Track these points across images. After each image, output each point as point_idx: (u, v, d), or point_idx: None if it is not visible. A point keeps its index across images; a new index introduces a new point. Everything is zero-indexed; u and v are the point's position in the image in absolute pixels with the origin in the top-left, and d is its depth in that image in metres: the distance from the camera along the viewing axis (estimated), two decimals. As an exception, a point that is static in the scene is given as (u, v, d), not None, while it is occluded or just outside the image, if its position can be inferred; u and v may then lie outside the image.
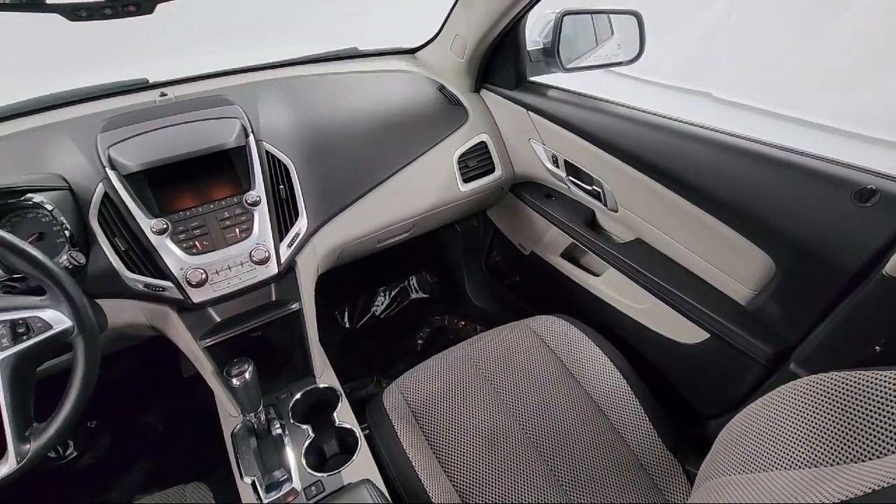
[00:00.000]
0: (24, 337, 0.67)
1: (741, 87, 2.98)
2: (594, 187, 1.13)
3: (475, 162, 1.29)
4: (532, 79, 1.29)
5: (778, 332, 0.83)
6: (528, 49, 1.26)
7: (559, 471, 0.90)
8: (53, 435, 0.69)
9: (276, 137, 1.04)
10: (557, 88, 1.23)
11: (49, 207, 0.83)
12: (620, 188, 1.06)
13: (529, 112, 1.21)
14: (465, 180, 1.27)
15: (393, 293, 1.86)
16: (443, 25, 1.34)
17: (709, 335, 0.95)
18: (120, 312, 0.90)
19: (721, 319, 0.90)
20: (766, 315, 0.85)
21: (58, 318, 0.68)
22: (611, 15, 1.25)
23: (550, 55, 1.22)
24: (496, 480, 0.87)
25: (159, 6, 0.66)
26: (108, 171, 0.89)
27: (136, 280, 0.88)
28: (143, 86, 1.22)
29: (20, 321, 0.67)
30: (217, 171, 0.96)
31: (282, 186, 1.00)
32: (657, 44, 1.25)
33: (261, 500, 0.84)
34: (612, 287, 1.19)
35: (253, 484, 0.86)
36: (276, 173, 1.00)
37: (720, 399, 0.98)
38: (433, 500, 0.81)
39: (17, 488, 1.28)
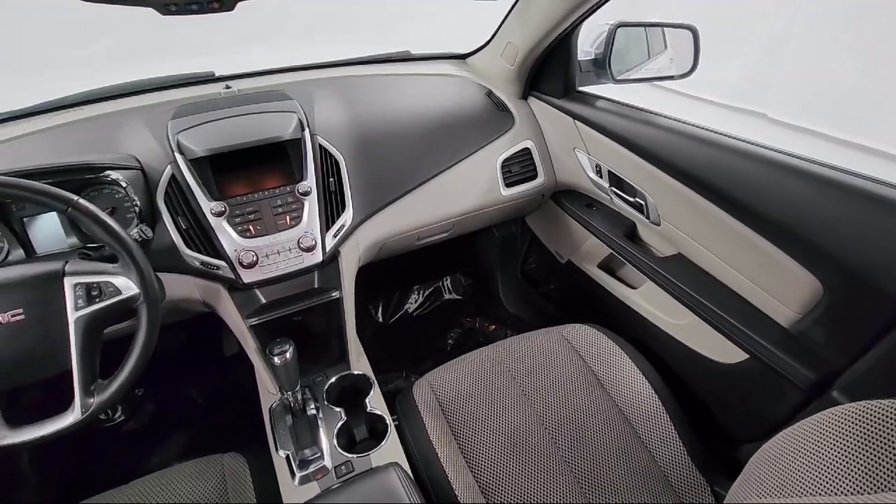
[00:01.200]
0: (97, 300, 0.73)
1: (800, 108, 2.87)
2: (637, 199, 1.13)
3: (518, 167, 1.30)
4: (580, 89, 1.30)
5: (822, 357, 0.80)
6: (579, 59, 1.27)
7: (582, 478, 0.90)
8: (115, 392, 0.75)
9: (329, 132, 1.09)
10: (606, 99, 1.23)
11: (124, 185, 0.91)
12: (664, 201, 1.05)
13: (576, 121, 1.22)
14: (507, 185, 1.29)
15: (427, 292, 1.90)
16: (495, 33, 1.36)
17: (747, 356, 0.93)
18: (177, 286, 0.96)
19: (762, 341, 0.88)
20: (811, 339, 0.82)
21: (127, 285, 0.74)
22: (665, 28, 1.25)
23: (601, 66, 1.22)
24: (519, 480, 0.88)
25: (239, 4, 0.71)
26: (176, 154, 0.96)
27: (194, 257, 0.95)
28: (209, 78, 1.31)
29: (95, 285, 0.73)
30: (273, 161, 1.02)
31: (331, 179, 1.05)
32: (711, 60, 1.23)
33: (293, 474, 0.88)
34: (649, 301, 1.18)
35: (287, 458, 0.90)
36: (327, 166, 1.05)
37: (755, 422, 0.96)
38: (456, 492, 0.83)
39: (69, 444, 1.38)
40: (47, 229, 0.94)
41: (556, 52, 1.24)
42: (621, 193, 1.18)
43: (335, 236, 1.03)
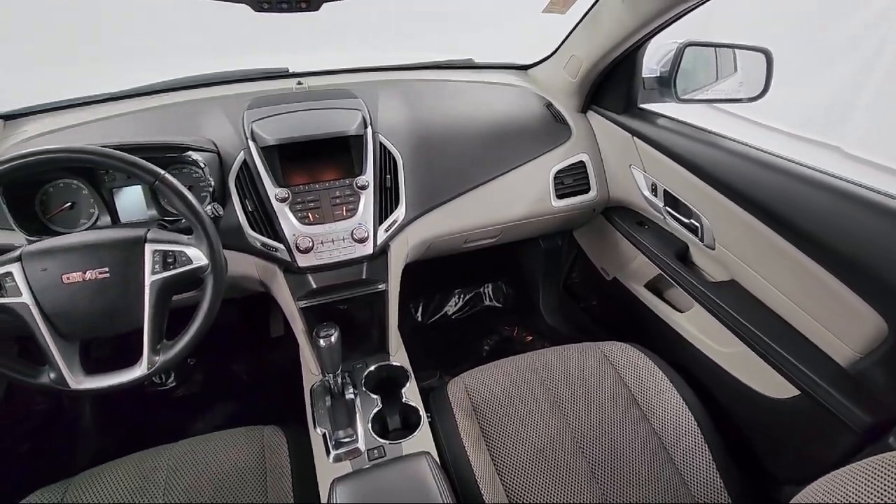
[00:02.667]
0: (172, 266, 0.80)
1: (881, 144, 2.68)
2: (692, 221, 1.11)
3: (571, 180, 1.30)
4: (642, 106, 1.29)
5: (881, 400, 0.76)
6: (643, 76, 1.26)
7: (608, 493, 0.88)
8: (178, 352, 0.81)
9: (390, 131, 1.14)
10: (667, 117, 1.21)
11: (202, 165, 0.98)
12: (721, 225, 1.03)
13: (635, 138, 1.21)
14: (559, 196, 1.29)
15: (467, 297, 1.92)
16: (559, 46, 1.38)
17: (798, 393, 0.88)
18: (237, 264, 1.03)
19: (816, 378, 0.84)
20: (871, 381, 0.78)
21: (198, 256, 0.81)
22: (737, 50, 1.22)
23: (666, 84, 1.21)
24: (543, 487, 0.88)
25: (324, 5, 0.77)
26: (249, 142, 1.04)
27: (256, 238, 1.01)
28: (283, 74, 1.40)
29: (171, 253, 0.80)
30: (335, 154, 1.08)
31: (388, 176, 1.09)
32: (783, 86, 1.19)
33: (328, 451, 0.92)
34: (696, 326, 1.14)
35: (324, 436, 0.94)
36: (386, 163, 1.10)
37: (801, 463, 0.91)
38: (481, 489, 0.84)
39: (127, 403, 1.49)
40: (131, 201, 1.03)
41: (619, 68, 1.23)
42: (676, 214, 1.15)
43: (387, 231, 1.07)
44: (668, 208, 1.17)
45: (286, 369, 1.62)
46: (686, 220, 1.12)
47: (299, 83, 1.31)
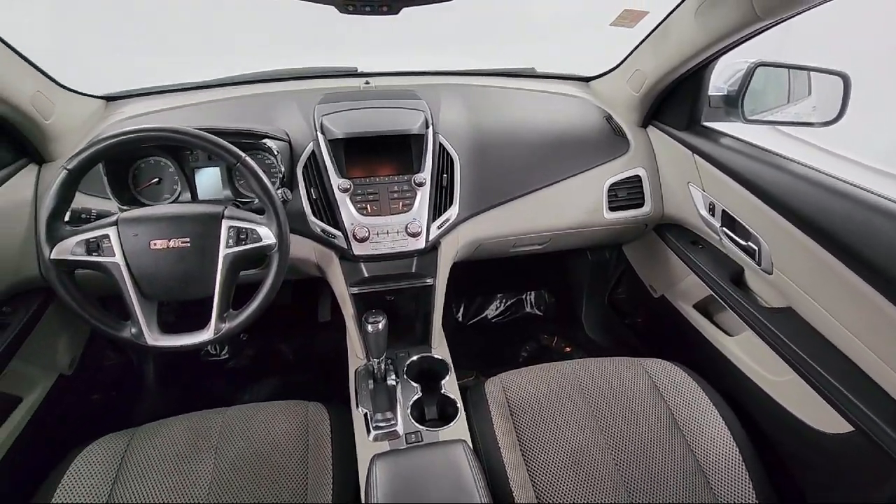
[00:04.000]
0: (244, 242, 0.87)
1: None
2: (750, 244, 1.08)
3: (625, 193, 1.30)
4: (705, 123, 1.27)
5: None
6: (709, 94, 1.24)
7: None
8: (241, 321, 0.88)
9: (450, 133, 1.19)
10: (731, 137, 1.19)
11: (276, 153, 1.06)
12: (781, 250, 1.00)
13: (695, 155, 1.20)
14: (612, 209, 1.29)
15: (509, 302, 1.93)
16: (623, 60, 1.38)
17: (853, 429, 0.85)
18: (298, 247, 1.10)
19: (872, 415, 0.80)
20: None
21: (268, 235, 0.87)
22: (812, 73, 1.18)
23: (733, 104, 1.19)
24: (574, 494, 0.88)
25: (404, 10, 0.82)
26: (319, 134, 1.11)
27: (317, 224, 1.08)
28: (353, 73, 1.48)
29: (244, 230, 0.87)
30: (396, 151, 1.13)
31: (445, 175, 1.13)
32: (862, 111, 1.14)
33: (368, 430, 0.96)
34: (745, 351, 1.11)
35: (365, 416, 0.99)
36: (443, 163, 1.14)
37: (849, 501, 0.87)
38: (511, 487, 0.86)
39: (184, 367, 1.60)
40: (209, 181, 1.13)
41: (685, 84, 1.22)
42: (733, 235, 1.13)
43: (439, 228, 1.11)
44: (725, 229, 1.15)
45: (330, 352, 1.69)
46: (743, 243, 1.10)
47: (367, 82, 1.39)
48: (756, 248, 1.06)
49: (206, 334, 0.87)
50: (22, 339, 0.99)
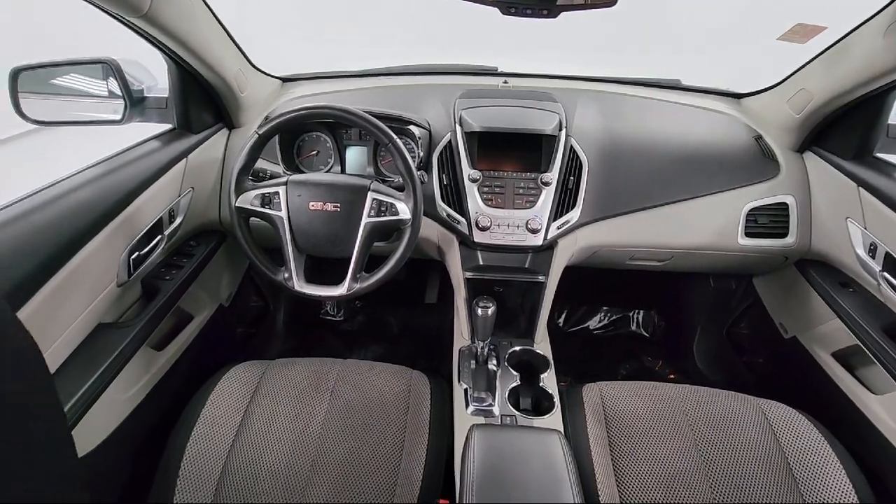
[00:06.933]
0: (383, 214, 0.98)
1: None
2: (917, 294, 0.95)
3: (766, 220, 1.21)
4: (878, 154, 1.13)
5: None
6: (889, 122, 1.10)
7: None
8: (370, 284, 0.99)
9: (582, 137, 1.20)
10: (911, 171, 1.05)
11: (418, 138, 1.17)
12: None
13: (861, 189, 1.07)
14: (748, 234, 1.20)
15: (614, 317, 1.87)
16: (786, 78, 1.27)
17: None
18: (424, 227, 1.19)
19: None
20: None
21: (404, 210, 0.97)
22: None
23: (920, 136, 1.05)
24: None
25: (562, 14, 0.86)
26: (457, 126, 1.19)
27: (443, 208, 1.16)
28: (493, 72, 1.55)
29: (385, 203, 0.98)
30: (527, 149, 1.17)
31: (571, 178, 1.15)
32: None
33: (467, 404, 1.02)
34: (892, 414, 0.98)
35: (465, 391, 1.05)
36: (571, 165, 1.16)
37: None
38: (599, 492, 0.86)
39: (308, 319, 1.81)
40: (357, 157, 1.27)
41: (858, 109, 1.10)
42: (895, 283, 1.00)
43: (559, 228, 1.14)
44: (886, 274, 1.01)
45: (432, 331, 1.80)
46: (908, 292, 0.97)
47: (505, 82, 1.45)
48: (924, 301, 0.93)
49: (341, 290, 0.99)
50: (200, 269, 1.21)
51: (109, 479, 0.97)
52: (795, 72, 1.23)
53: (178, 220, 1.14)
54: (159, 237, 1.08)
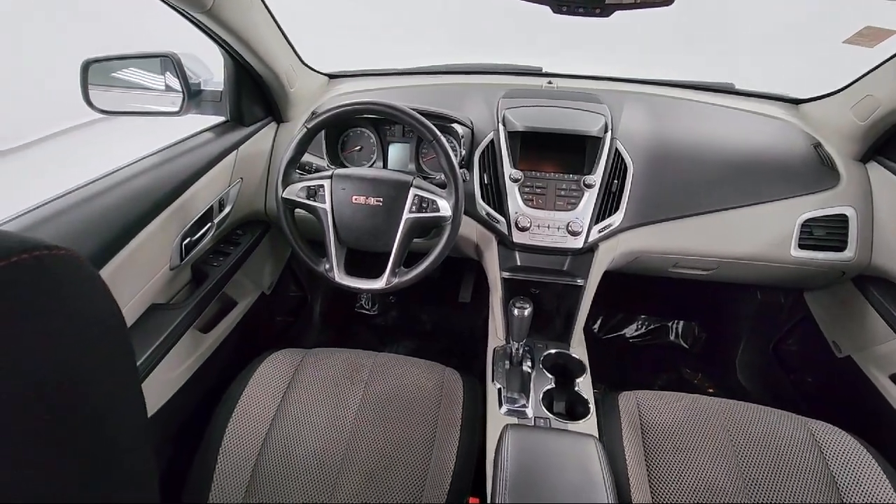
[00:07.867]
0: (424, 210, 0.98)
1: None
2: None
3: (823, 232, 1.15)
4: (953, 167, 1.06)
5: None
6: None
7: None
8: (408, 279, 1.00)
9: (628, 140, 1.17)
10: None
11: (461, 136, 1.17)
12: None
13: None
14: (802, 246, 1.15)
15: (651, 326, 1.82)
16: (851, 83, 1.21)
17: None
18: (463, 225, 1.19)
19: None
20: None
21: (445, 207, 0.98)
22: None
23: None
24: None
25: (616, 13, 0.84)
26: (500, 125, 1.19)
27: (484, 207, 1.16)
28: (537, 72, 1.54)
29: (426, 199, 0.98)
30: (571, 150, 1.16)
31: (615, 181, 1.13)
32: None
33: (500, 403, 1.02)
34: (956, 444, 0.91)
35: (499, 390, 1.05)
36: (616, 169, 1.13)
37: None
38: (633, 501, 0.84)
39: (343, 311, 1.85)
40: (399, 154, 1.29)
41: None
42: (967, 304, 0.93)
43: (600, 231, 1.12)
44: (956, 294, 0.95)
45: (464, 330, 1.80)
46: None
47: (549, 82, 1.43)
48: None
49: (379, 283, 1.01)
50: (245, 258, 1.25)
51: (155, 453, 1.02)
52: (861, 77, 1.16)
53: (227, 209, 1.19)
54: (209, 225, 1.12)
